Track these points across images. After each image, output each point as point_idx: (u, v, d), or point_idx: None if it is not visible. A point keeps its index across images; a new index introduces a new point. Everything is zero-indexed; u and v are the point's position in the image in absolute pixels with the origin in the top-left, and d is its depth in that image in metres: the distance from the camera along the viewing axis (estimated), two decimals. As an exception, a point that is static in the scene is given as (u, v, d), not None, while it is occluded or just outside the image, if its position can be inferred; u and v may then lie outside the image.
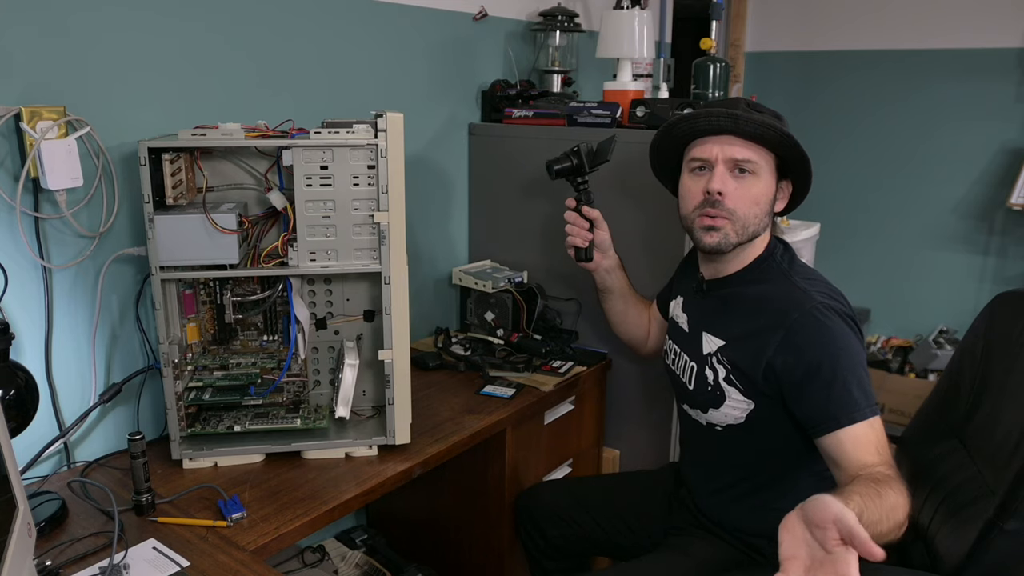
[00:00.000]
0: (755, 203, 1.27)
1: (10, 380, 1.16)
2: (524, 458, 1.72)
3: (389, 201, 1.31)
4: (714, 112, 1.26)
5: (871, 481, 1.04)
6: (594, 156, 1.55)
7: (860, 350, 1.20)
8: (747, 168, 1.26)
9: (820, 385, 1.17)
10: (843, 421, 1.14)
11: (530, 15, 2.20)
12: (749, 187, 1.27)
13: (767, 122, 1.23)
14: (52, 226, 1.31)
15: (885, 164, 3.31)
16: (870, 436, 1.14)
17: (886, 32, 3.23)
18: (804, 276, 1.29)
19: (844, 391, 1.15)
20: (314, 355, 1.51)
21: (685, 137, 1.32)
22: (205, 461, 1.36)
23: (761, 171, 1.26)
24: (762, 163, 1.26)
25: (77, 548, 1.12)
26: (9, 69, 1.21)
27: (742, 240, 1.28)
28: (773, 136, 1.24)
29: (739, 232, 1.27)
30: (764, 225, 1.30)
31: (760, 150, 1.26)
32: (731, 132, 1.25)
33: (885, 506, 0.99)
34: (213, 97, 1.50)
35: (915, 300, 3.33)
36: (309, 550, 1.76)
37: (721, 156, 1.26)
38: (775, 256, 1.32)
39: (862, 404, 1.15)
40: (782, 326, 1.20)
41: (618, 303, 1.65)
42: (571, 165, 1.55)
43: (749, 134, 1.24)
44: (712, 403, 1.32)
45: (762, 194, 1.28)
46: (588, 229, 1.57)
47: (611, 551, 1.64)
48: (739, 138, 1.25)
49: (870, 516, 0.95)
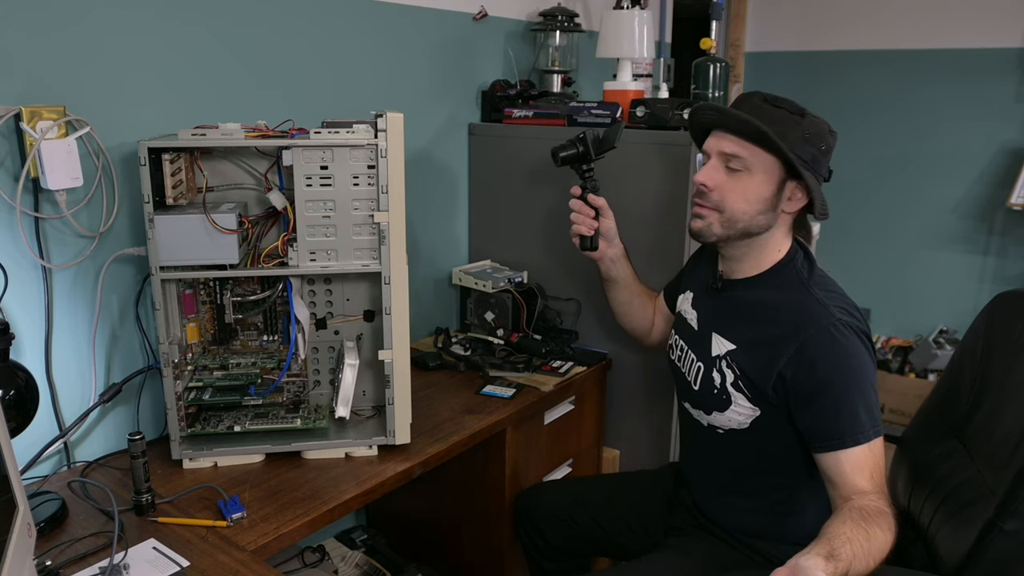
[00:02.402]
0: (744, 199, 1.25)
1: (10, 380, 1.16)
2: (524, 458, 1.72)
3: (389, 201, 1.31)
4: (707, 106, 1.30)
5: (862, 520, 1.08)
6: (600, 144, 1.54)
7: (872, 370, 1.19)
8: (737, 164, 1.24)
9: (828, 403, 1.16)
10: (847, 442, 1.15)
11: (530, 15, 2.20)
12: (738, 182, 1.25)
13: (743, 117, 1.21)
14: (52, 226, 1.31)
15: (885, 164, 3.31)
16: (868, 460, 1.15)
17: (886, 32, 3.23)
18: (823, 287, 1.26)
19: (851, 412, 1.15)
20: (314, 355, 1.51)
21: (699, 129, 1.35)
22: (205, 461, 1.36)
23: (754, 168, 1.24)
24: (755, 160, 1.23)
25: (77, 548, 1.12)
26: (9, 69, 1.21)
27: (730, 234, 1.27)
28: (751, 133, 1.22)
29: (725, 225, 1.27)
30: (762, 225, 1.26)
31: (752, 147, 1.23)
32: (717, 126, 1.27)
33: (874, 549, 1.05)
34: (213, 97, 1.50)
35: (915, 300, 3.33)
36: (309, 550, 1.76)
37: (715, 149, 1.27)
38: (795, 263, 1.29)
39: (867, 426, 1.15)
40: (796, 338, 1.19)
41: (622, 293, 1.64)
42: (577, 152, 1.55)
43: (733, 129, 1.24)
44: (717, 407, 1.31)
45: (753, 192, 1.24)
46: (594, 217, 1.56)
47: (611, 551, 1.64)
48: (728, 133, 1.25)
49: (857, 567, 1.02)
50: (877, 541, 1.06)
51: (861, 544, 1.04)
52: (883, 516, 1.09)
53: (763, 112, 1.22)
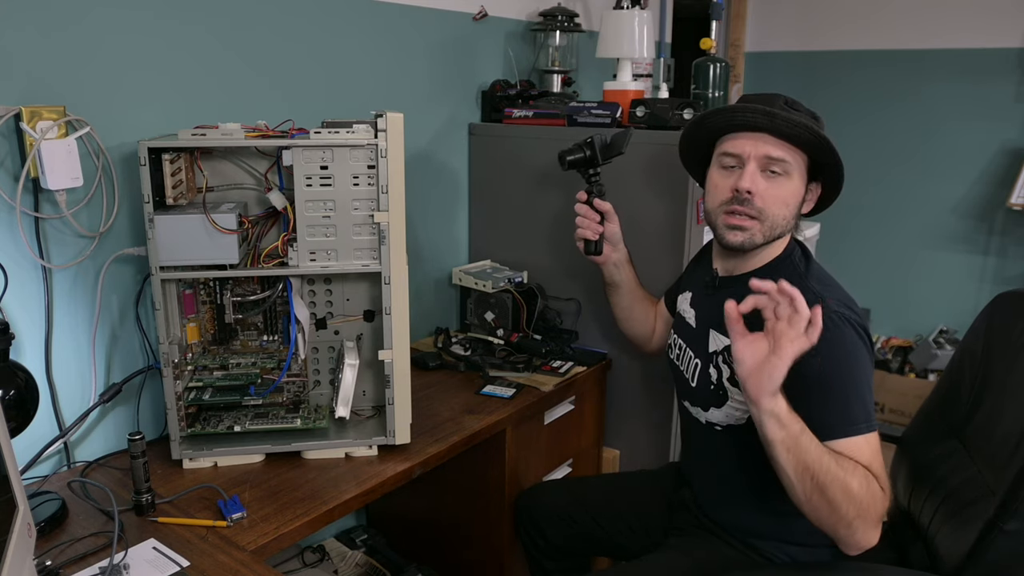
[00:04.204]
0: (784, 204, 1.24)
1: (10, 380, 1.16)
2: (524, 458, 1.72)
3: (389, 201, 1.31)
4: (751, 108, 1.22)
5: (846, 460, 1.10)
6: (608, 148, 1.54)
7: (868, 364, 1.18)
8: (779, 168, 1.23)
9: (821, 394, 1.15)
10: (837, 432, 1.13)
11: (530, 15, 2.20)
12: (780, 187, 1.24)
13: (804, 123, 1.20)
14: (52, 226, 1.31)
15: (885, 164, 3.31)
16: (865, 453, 1.13)
17: (886, 32, 3.23)
18: (820, 281, 1.26)
19: (844, 404, 1.14)
20: (314, 355, 1.51)
21: (719, 130, 1.29)
22: (205, 461, 1.36)
23: (793, 172, 1.24)
24: (794, 164, 1.23)
25: (77, 548, 1.12)
26: (9, 69, 1.21)
27: (768, 240, 1.27)
28: (809, 138, 1.21)
29: (766, 233, 1.25)
30: (790, 227, 1.27)
31: (794, 151, 1.23)
32: (767, 130, 1.22)
33: (838, 470, 1.07)
34: (213, 97, 1.50)
35: (915, 300, 3.33)
36: (309, 550, 1.76)
37: (754, 153, 1.23)
38: (792, 258, 1.30)
39: (860, 419, 1.13)
40: None
41: (625, 298, 1.64)
42: (584, 156, 1.54)
43: (785, 134, 1.21)
44: (714, 402, 1.31)
45: (792, 195, 1.25)
46: (599, 222, 1.56)
47: (611, 551, 1.64)
48: (773, 136, 1.22)
49: (811, 453, 1.07)
50: (852, 478, 1.07)
51: (825, 452, 1.08)
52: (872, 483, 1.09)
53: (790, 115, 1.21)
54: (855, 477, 1.08)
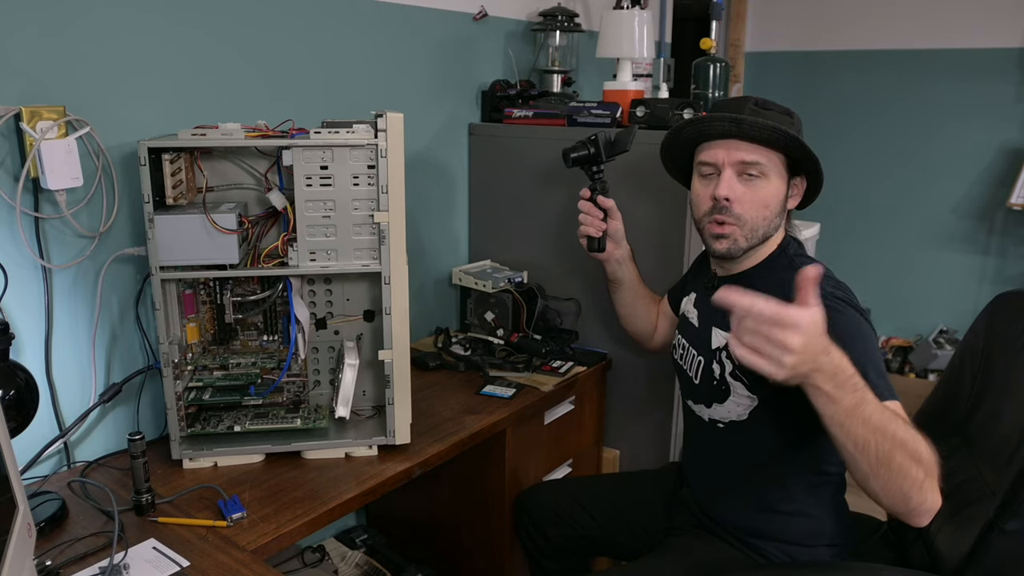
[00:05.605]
0: (764, 206, 1.26)
1: (10, 380, 1.16)
2: (524, 458, 1.72)
3: (389, 201, 1.31)
4: (718, 116, 1.24)
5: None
6: (612, 146, 1.54)
7: (873, 337, 1.17)
8: (755, 171, 1.24)
9: None
10: None
11: (530, 15, 2.20)
12: (758, 190, 1.25)
13: (770, 125, 1.21)
14: (52, 226, 1.31)
15: (885, 164, 3.31)
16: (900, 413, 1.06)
17: (886, 32, 3.23)
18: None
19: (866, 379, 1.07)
20: (314, 355, 1.51)
21: (691, 141, 1.31)
22: (205, 461, 1.36)
23: (770, 173, 1.25)
24: (770, 165, 1.25)
25: (77, 548, 1.12)
26: (9, 69, 1.21)
27: (752, 244, 1.28)
28: (778, 139, 1.22)
29: (748, 237, 1.27)
30: (775, 226, 1.29)
31: (767, 152, 1.24)
32: (735, 136, 1.23)
33: (901, 429, 0.97)
34: (213, 97, 1.50)
35: (915, 300, 3.33)
36: (309, 550, 1.76)
37: (728, 160, 1.24)
38: (786, 252, 1.32)
39: (881, 387, 1.08)
40: None
41: (627, 295, 1.65)
42: (588, 154, 1.54)
43: (753, 138, 1.23)
44: (717, 398, 1.32)
45: (771, 196, 1.26)
46: (602, 219, 1.57)
47: (611, 551, 1.64)
48: (744, 141, 1.23)
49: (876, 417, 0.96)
50: (902, 429, 0.97)
51: (884, 413, 0.98)
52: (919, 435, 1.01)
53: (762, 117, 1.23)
54: (910, 433, 1.00)
